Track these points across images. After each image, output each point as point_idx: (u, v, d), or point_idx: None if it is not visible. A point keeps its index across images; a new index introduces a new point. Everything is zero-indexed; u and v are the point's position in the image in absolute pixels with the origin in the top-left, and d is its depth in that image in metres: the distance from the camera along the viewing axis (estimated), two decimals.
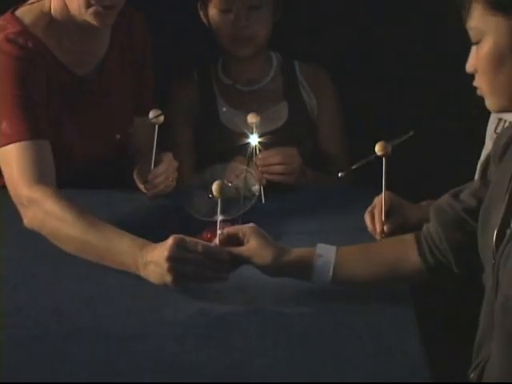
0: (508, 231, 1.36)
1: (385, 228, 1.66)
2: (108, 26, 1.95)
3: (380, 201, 1.67)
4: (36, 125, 1.85)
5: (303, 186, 2.01)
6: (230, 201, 1.72)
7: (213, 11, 2.17)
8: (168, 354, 1.42)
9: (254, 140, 1.92)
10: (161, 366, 1.40)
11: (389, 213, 1.67)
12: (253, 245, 1.56)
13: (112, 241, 1.65)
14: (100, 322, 1.51)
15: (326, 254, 1.54)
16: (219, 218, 1.57)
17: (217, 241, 1.57)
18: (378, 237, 1.69)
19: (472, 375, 1.43)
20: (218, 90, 2.27)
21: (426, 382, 1.34)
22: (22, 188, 1.80)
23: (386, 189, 1.69)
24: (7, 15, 1.91)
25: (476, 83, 1.38)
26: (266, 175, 1.96)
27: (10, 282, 1.65)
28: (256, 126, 1.92)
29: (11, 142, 1.83)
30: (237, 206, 1.73)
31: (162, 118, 1.92)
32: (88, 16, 1.84)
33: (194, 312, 1.53)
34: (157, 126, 1.92)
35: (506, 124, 1.74)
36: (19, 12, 1.91)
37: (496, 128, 1.70)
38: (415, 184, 1.80)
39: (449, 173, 1.77)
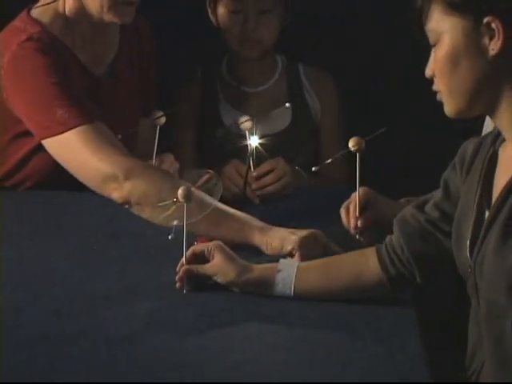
0: (479, 241, 1.38)
1: (359, 223, 1.67)
2: (117, 28, 1.99)
3: (355, 196, 1.68)
4: (87, 108, 1.87)
5: (303, 188, 2.02)
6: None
7: (222, 10, 2.18)
8: (168, 354, 1.42)
9: (254, 141, 1.92)
10: (161, 365, 1.40)
11: (364, 208, 1.67)
12: (216, 262, 1.58)
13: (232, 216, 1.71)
14: (100, 323, 1.51)
15: (287, 269, 1.56)
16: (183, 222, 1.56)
17: (183, 259, 1.60)
18: (352, 231, 1.70)
19: (470, 379, 1.44)
20: (221, 90, 2.28)
21: (426, 382, 1.33)
22: (112, 162, 1.79)
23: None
24: (24, 16, 1.93)
25: (435, 87, 1.40)
26: (263, 196, 1.97)
27: (11, 283, 1.64)
28: (250, 131, 1.92)
29: (72, 127, 1.83)
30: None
31: (163, 119, 1.93)
32: (110, 14, 1.88)
33: (194, 313, 1.54)
34: (158, 127, 1.93)
35: None
36: (35, 13, 1.94)
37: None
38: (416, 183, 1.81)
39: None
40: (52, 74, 1.87)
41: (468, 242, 1.40)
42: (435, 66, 1.38)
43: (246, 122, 1.94)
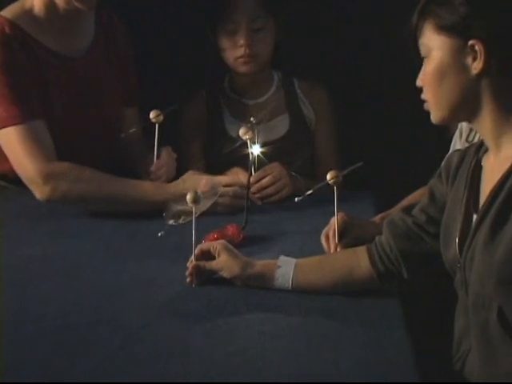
0: (468, 240, 1.39)
1: (338, 248, 1.66)
2: (91, 15, 1.97)
3: (333, 223, 1.67)
4: (29, 106, 1.86)
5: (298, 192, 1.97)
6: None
7: (220, 33, 2.18)
8: (179, 340, 1.43)
9: (255, 149, 1.91)
10: (172, 350, 1.39)
11: (342, 233, 1.67)
12: (222, 259, 1.59)
13: (136, 187, 1.79)
14: (118, 313, 1.51)
15: (286, 265, 1.57)
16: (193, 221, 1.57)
17: (192, 257, 1.59)
18: None
19: (456, 366, 1.44)
20: (224, 103, 2.28)
21: (410, 366, 1.33)
22: (34, 168, 1.83)
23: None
24: None
25: (423, 96, 1.41)
26: (263, 197, 1.97)
27: (37, 277, 1.65)
28: (250, 138, 1.91)
29: (8, 125, 1.85)
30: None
31: (161, 118, 1.95)
32: (77, 2, 1.86)
33: (202, 304, 1.54)
34: (157, 125, 1.95)
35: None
36: (1, 11, 1.93)
37: (468, 137, 1.70)
38: None
39: None
40: (2, 72, 1.86)
41: (457, 241, 1.42)
42: (424, 78, 1.40)
43: (246, 132, 1.93)
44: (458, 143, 1.77)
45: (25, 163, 1.86)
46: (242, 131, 1.92)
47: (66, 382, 1.31)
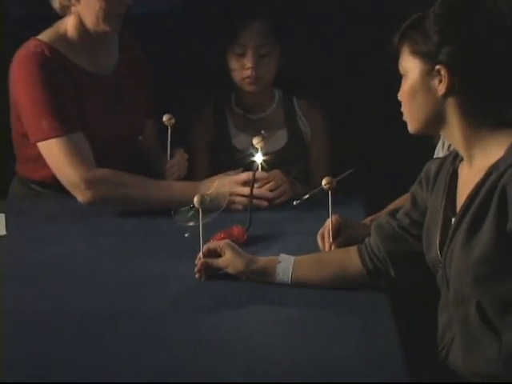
0: (447, 241, 1.42)
1: (332, 247, 1.68)
2: (114, 38, 2.05)
3: (328, 225, 1.69)
4: (68, 120, 1.92)
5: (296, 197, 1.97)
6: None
7: (230, 54, 2.24)
8: (190, 330, 1.46)
9: (258, 158, 1.96)
10: (184, 338, 1.43)
11: (336, 233, 1.68)
12: (227, 257, 1.60)
13: (169, 188, 1.87)
14: (135, 305, 1.54)
15: (286, 261, 1.58)
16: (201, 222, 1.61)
17: (200, 254, 1.62)
18: None
19: (440, 354, 1.47)
20: (230, 117, 2.32)
21: (397, 353, 1.37)
22: (77, 175, 1.90)
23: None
24: (30, 39, 1.99)
25: (402, 109, 1.45)
26: (265, 202, 1.98)
27: (62, 273, 1.68)
28: (261, 147, 1.95)
29: (51, 137, 1.91)
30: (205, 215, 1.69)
31: (173, 121, 2.01)
32: (103, 25, 1.94)
33: (210, 297, 1.57)
34: (169, 127, 2.01)
35: None
36: (39, 36, 1.99)
37: (450, 146, 1.71)
38: None
39: None
40: (44, 89, 1.92)
41: (438, 243, 1.44)
42: (401, 94, 1.44)
43: (259, 141, 1.97)
44: (440, 152, 1.79)
45: (68, 171, 1.91)
46: (255, 140, 1.95)
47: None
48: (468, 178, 1.42)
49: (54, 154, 1.93)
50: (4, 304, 1.54)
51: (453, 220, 1.43)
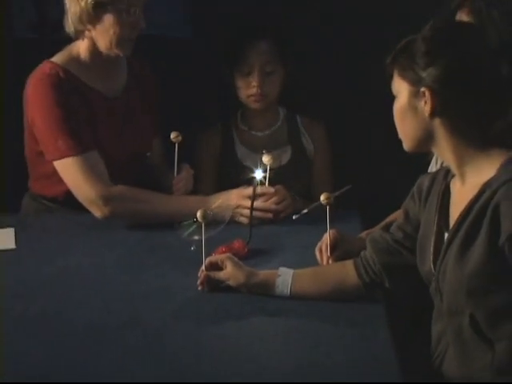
0: (440, 255, 1.45)
1: (330, 261, 1.70)
2: (124, 61, 2.08)
3: (326, 239, 1.71)
4: (83, 139, 1.95)
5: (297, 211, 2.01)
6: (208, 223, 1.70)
7: (236, 73, 2.28)
8: (192, 340, 1.48)
9: (258, 175, 1.97)
10: (186, 348, 1.45)
11: (334, 247, 1.70)
12: (228, 270, 1.63)
13: (182, 202, 1.89)
14: (140, 316, 1.56)
15: (285, 274, 1.60)
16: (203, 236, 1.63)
17: (203, 267, 1.64)
18: None
19: (435, 363, 1.48)
20: (236, 134, 2.36)
21: (393, 361, 1.39)
22: (94, 192, 1.93)
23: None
24: (44, 62, 2.03)
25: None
26: (270, 214, 1.99)
27: (70, 285, 1.70)
28: (270, 164, 1.97)
29: (67, 156, 1.94)
30: (209, 229, 1.72)
31: (180, 138, 2.04)
32: (116, 49, 1.97)
33: (212, 308, 1.58)
34: (176, 144, 2.04)
35: None
36: (53, 58, 2.03)
37: (443, 162, 1.68)
38: None
39: None
40: (59, 110, 1.95)
41: (431, 257, 1.47)
42: (394, 114, 1.48)
43: (269, 159, 1.98)
44: (434, 167, 1.81)
45: (85, 188, 1.94)
46: (265, 158, 1.97)
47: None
48: (461, 194, 1.44)
49: (71, 172, 1.96)
50: (14, 314, 1.58)
51: (446, 235, 1.45)
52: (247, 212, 1.97)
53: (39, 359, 1.43)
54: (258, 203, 1.97)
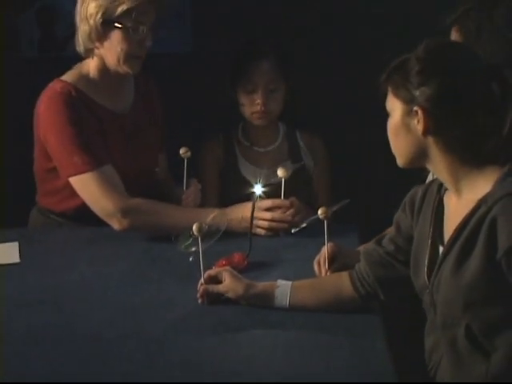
0: (435, 268, 1.45)
1: (328, 273, 1.71)
2: (131, 79, 2.10)
3: (324, 252, 1.72)
4: (98, 154, 1.97)
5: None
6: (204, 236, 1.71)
7: (240, 91, 2.30)
8: (192, 351, 1.49)
9: (258, 190, 1.97)
10: (186, 360, 1.46)
11: (332, 260, 1.71)
12: (227, 282, 1.64)
13: (199, 215, 1.85)
14: (141, 327, 1.58)
15: (284, 286, 1.61)
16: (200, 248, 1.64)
17: (202, 280, 1.65)
18: None
19: (430, 373, 1.48)
20: (238, 150, 2.38)
21: (390, 371, 1.40)
22: (112, 205, 1.94)
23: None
24: (54, 80, 2.05)
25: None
26: (271, 227, 1.98)
27: (74, 298, 1.72)
28: (285, 178, 1.97)
29: (84, 172, 1.95)
30: (205, 241, 1.72)
31: (189, 154, 2.06)
32: (124, 66, 1.99)
33: (211, 321, 1.59)
34: (186, 160, 2.06)
35: None
36: (63, 77, 2.05)
37: None
38: None
39: None
40: (72, 127, 1.97)
41: (426, 269, 1.47)
42: (388, 131, 1.49)
43: (283, 172, 1.99)
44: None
45: (103, 202, 1.95)
46: (280, 171, 1.98)
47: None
48: (456, 209, 1.45)
49: (88, 187, 1.97)
50: (17, 326, 1.60)
51: (440, 248, 1.46)
52: (263, 223, 1.98)
53: (42, 371, 1.44)
54: (275, 214, 1.98)
